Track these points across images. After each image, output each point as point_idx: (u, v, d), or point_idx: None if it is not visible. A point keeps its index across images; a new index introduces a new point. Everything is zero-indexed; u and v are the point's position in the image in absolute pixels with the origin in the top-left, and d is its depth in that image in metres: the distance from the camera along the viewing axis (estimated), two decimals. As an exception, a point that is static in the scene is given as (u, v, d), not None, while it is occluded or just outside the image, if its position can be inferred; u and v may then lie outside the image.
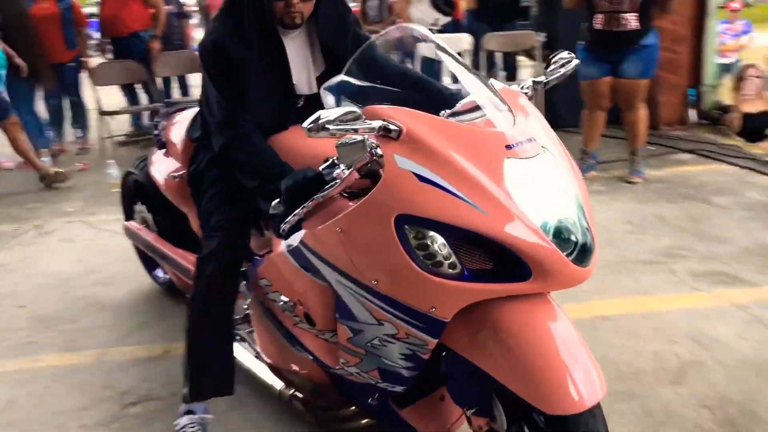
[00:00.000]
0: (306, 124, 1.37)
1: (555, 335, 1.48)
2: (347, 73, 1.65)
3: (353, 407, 1.94)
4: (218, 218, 2.03)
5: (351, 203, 1.60)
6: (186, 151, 2.42)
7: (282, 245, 1.82)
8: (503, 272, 1.45)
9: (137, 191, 3.07)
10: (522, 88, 1.74)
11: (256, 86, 1.97)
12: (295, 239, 1.73)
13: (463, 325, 1.52)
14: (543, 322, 1.50)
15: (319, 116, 1.36)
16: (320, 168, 1.61)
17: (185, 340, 2.06)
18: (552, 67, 1.78)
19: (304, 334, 1.89)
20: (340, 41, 2.07)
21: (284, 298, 1.87)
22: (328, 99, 1.62)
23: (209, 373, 2.06)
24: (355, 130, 1.40)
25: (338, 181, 1.56)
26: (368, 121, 1.42)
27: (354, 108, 1.40)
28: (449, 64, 1.68)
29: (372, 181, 1.56)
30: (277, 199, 1.67)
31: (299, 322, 1.87)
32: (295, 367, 2.04)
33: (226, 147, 1.95)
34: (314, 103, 1.99)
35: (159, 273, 3.25)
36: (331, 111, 1.37)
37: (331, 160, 1.59)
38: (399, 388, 1.72)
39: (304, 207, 1.62)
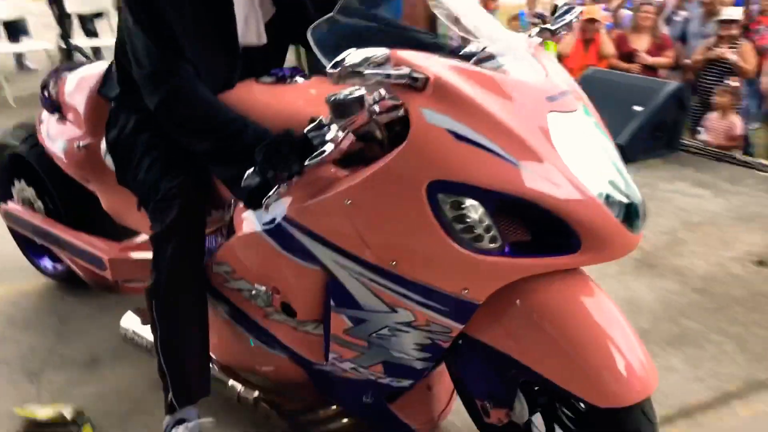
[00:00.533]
0: (330, 68, 1.14)
1: (598, 316, 1.31)
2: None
3: (334, 407, 1.69)
4: (169, 185, 1.67)
5: (342, 171, 1.38)
6: (95, 113, 2.05)
7: (249, 223, 1.51)
8: (544, 244, 1.28)
9: (16, 166, 2.56)
10: (530, 36, 1.56)
11: (192, 37, 1.61)
12: (273, 215, 1.44)
13: (486, 308, 1.33)
14: (583, 301, 1.33)
15: (344, 59, 1.14)
16: (305, 130, 1.34)
17: (158, 337, 1.68)
18: (558, 12, 1.61)
19: (279, 327, 1.62)
20: None
21: (257, 287, 1.57)
22: (319, 41, 1.34)
23: (194, 370, 1.72)
24: (388, 76, 1.17)
25: (331, 145, 1.30)
26: (396, 67, 1.19)
27: (382, 49, 1.17)
28: (457, 7, 1.45)
29: (366, 144, 1.37)
30: (252, 168, 1.36)
31: (272, 314, 1.59)
32: (260, 366, 1.75)
33: (164, 103, 1.58)
34: (263, 55, 1.78)
35: (47, 263, 2.74)
36: (355, 53, 1.15)
37: (318, 120, 1.33)
38: (406, 383, 1.51)
39: (291, 177, 1.35)
